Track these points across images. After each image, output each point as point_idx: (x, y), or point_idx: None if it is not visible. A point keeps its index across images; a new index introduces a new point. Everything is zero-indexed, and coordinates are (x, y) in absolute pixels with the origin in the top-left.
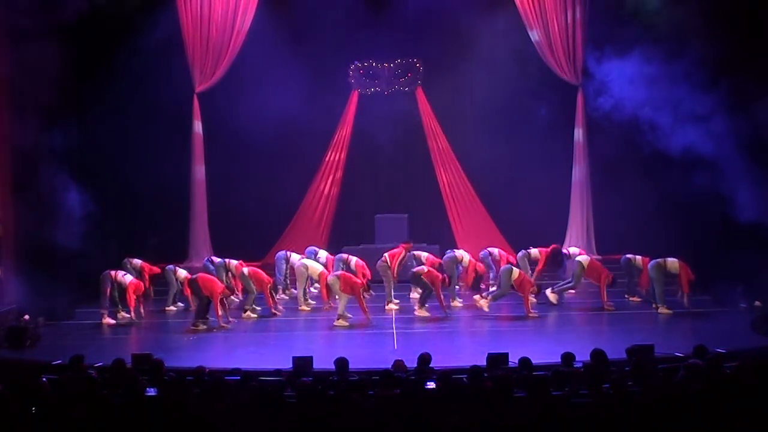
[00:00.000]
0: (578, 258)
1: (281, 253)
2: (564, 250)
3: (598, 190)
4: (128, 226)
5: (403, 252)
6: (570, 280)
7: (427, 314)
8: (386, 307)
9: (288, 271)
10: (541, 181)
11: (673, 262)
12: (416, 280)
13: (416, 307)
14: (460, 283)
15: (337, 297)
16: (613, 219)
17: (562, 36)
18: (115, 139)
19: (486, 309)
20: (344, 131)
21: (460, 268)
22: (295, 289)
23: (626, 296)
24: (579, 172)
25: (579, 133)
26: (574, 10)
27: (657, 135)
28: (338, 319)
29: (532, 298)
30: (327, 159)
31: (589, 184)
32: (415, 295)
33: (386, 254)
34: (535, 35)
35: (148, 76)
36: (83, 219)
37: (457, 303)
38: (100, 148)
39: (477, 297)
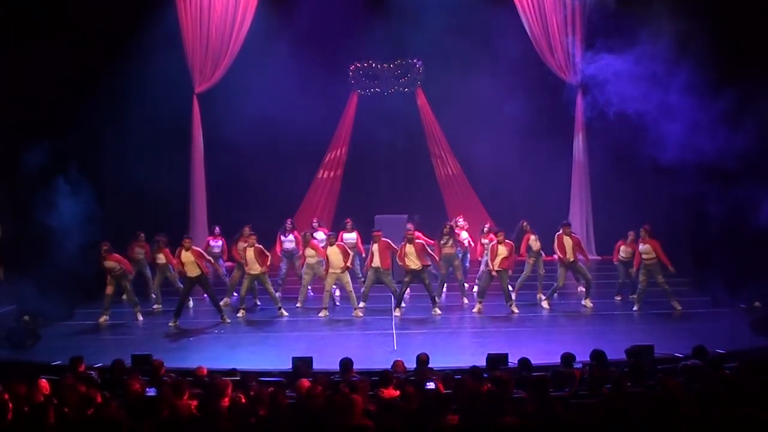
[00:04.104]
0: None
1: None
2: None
3: (598, 190)
4: (128, 226)
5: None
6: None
7: (398, 314)
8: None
9: (286, 273)
10: (540, 181)
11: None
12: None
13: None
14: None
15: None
16: (614, 219)
17: (561, 36)
18: (115, 140)
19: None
20: (344, 132)
21: (467, 264)
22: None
23: (631, 296)
24: (578, 171)
25: (578, 133)
26: (573, 10)
27: (657, 135)
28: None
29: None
30: (327, 159)
31: (589, 184)
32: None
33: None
34: (534, 35)
35: (148, 77)
36: (83, 219)
37: (465, 301)
38: (100, 148)
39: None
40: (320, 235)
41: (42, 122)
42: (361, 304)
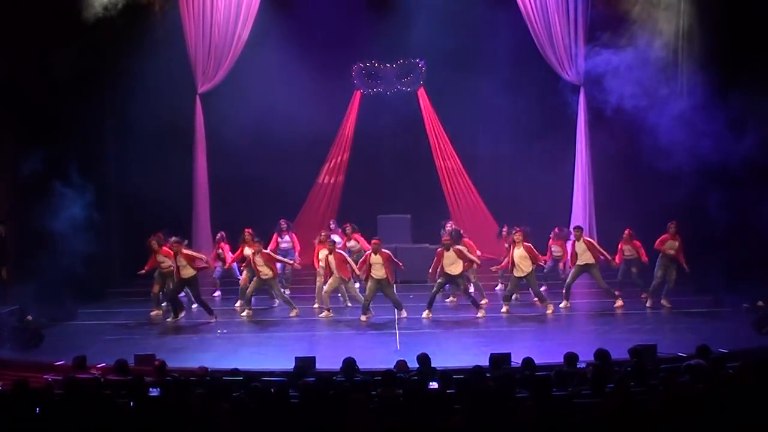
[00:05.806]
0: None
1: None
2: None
3: (601, 190)
4: (131, 226)
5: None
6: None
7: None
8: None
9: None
10: (543, 181)
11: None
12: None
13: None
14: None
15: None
16: (616, 218)
17: (564, 35)
18: (117, 141)
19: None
20: (347, 131)
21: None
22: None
23: (642, 295)
24: (581, 171)
25: (581, 133)
26: (576, 10)
27: (660, 135)
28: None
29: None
30: (329, 160)
31: (592, 184)
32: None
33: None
34: (536, 34)
35: (150, 78)
36: (86, 219)
37: (484, 301)
38: (102, 149)
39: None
40: (336, 238)
41: (43, 124)
42: (363, 318)
